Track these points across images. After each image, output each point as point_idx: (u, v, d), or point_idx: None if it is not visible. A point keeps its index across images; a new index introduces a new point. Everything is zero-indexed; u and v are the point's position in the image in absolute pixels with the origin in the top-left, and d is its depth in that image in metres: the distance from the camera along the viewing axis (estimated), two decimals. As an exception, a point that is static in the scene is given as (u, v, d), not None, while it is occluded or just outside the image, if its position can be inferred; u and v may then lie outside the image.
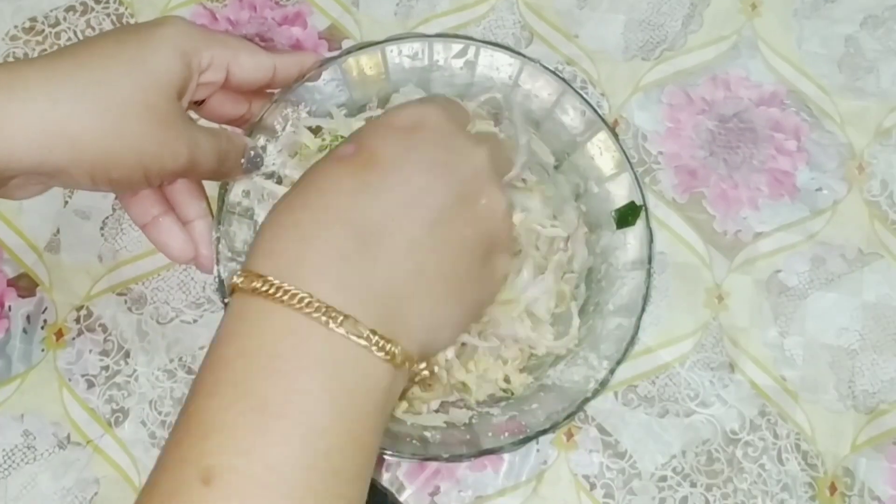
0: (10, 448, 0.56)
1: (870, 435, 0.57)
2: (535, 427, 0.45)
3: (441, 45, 0.51)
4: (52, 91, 0.37)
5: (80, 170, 0.38)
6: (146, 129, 0.39)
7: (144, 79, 0.39)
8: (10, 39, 0.64)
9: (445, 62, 0.52)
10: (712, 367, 0.58)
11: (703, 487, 0.56)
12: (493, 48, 0.51)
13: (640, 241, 0.49)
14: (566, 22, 0.65)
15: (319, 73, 0.50)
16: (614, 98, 0.64)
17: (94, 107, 0.38)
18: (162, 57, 0.40)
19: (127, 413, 0.57)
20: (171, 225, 0.46)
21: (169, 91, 0.40)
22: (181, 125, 0.41)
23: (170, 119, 0.40)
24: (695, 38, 0.65)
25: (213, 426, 0.30)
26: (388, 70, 0.52)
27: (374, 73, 0.52)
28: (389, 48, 0.51)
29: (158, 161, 0.40)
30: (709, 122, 0.63)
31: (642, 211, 0.49)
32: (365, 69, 0.51)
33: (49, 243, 0.60)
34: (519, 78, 0.51)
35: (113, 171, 0.39)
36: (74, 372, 0.58)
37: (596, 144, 0.51)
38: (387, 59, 0.51)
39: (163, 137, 0.40)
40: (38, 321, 0.59)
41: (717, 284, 0.60)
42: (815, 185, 0.62)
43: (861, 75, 0.64)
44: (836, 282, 0.60)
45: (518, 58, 0.51)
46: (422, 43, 0.51)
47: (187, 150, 0.41)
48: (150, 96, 0.39)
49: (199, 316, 0.59)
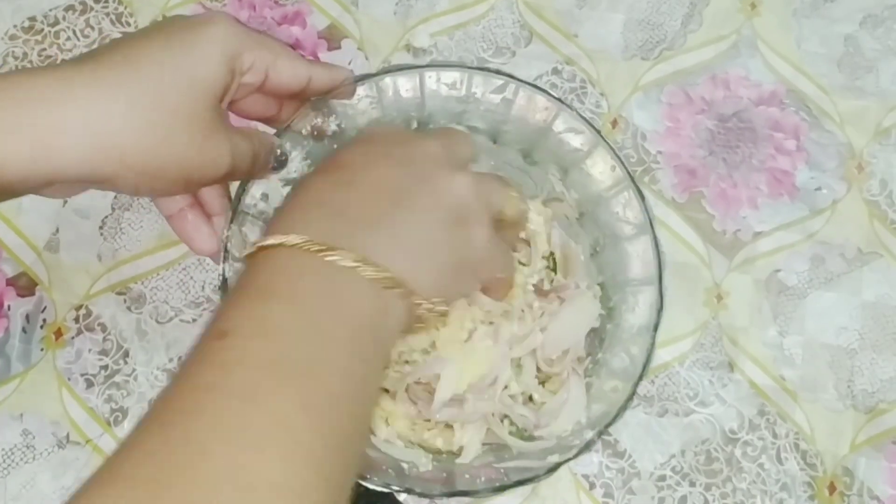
0: (10, 447, 0.56)
1: (869, 434, 0.57)
2: (514, 477, 0.45)
3: (481, 79, 0.50)
4: (102, 103, 0.37)
5: (125, 180, 0.39)
6: (192, 141, 0.40)
7: (192, 88, 0.39)
8: (9, 39, 0.64)
9: (483, 95, 0.51)
10: (711, 366, 0.58)
11: (702, 487, 0.56)
12: (532, 89, 0.50)
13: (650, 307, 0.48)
14: (565, 21, 0.65)
15: (353, 90, 0.50)
16: (613, 97, 0.64)
17: (144, 120, 0.38)
18: (209, 63, 0.40)
19: (126, 412, 0.57)
20: (197, 218, 0.47)
21: (214, 99, 0.40)
22: (224, 134, 0.41)
23: (214, 128, 0.41)
24: (694, 38, 0.65)
25: (228, 306, 0.35)
26: (423, 95, 0.51)
27: (410, 96, 0.51)
28: (429, 73, 0.51)
29: (200, 171, 0.41)
30: (708, 121, 0.63)
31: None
32: (401, 91, 0.51)
33: (48, 242, 0.60)
34: (553, 123, 0.51)
35: (157, 181, 0.40)
36: (74, 371, 0.58)
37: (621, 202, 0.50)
38: (424, 84, 0.51)
39: (207, 147, 0.40)
40: (38, 320, 0.59)
41: (717, 284, 0.60)
42: (815, 185, 0.62)
43: (860, 75, 0.64)
44: (835, 281, 0.60)
45: (555, 102, 0.50)
46: (461, 73, 0.50)
47: (228, 157, 0.42)
48: (198, 106, 0.40)
49: (198, 315, 0.59)
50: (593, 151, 0.50)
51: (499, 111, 0.52)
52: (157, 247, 0.60)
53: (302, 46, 0.65)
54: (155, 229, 0.60)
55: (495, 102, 0.51)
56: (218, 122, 0.41)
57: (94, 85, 0.37)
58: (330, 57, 0.65)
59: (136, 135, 0.38)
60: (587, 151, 0.50)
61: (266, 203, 0.49)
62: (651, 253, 0.49)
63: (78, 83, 0.37)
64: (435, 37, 0.65)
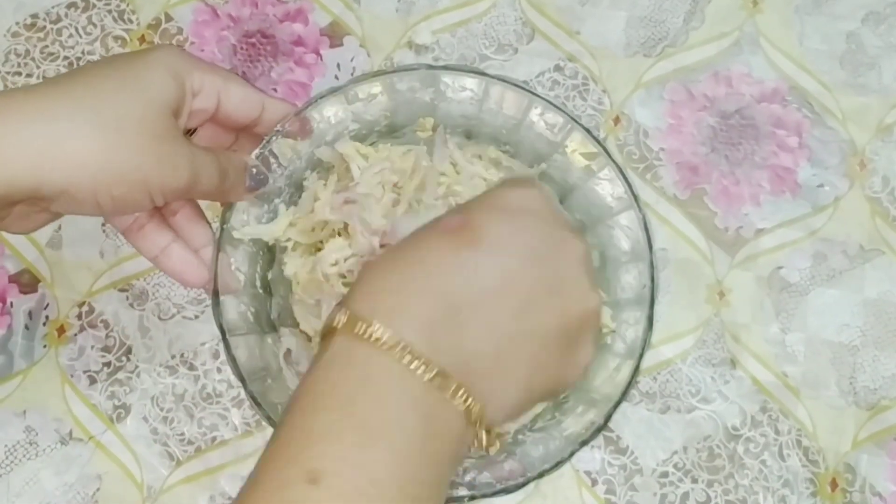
0: (13, 444, 0.56)
1: (871, 431, 0.57)
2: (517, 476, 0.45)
3: (499, 88, 0.50)
4: (46, 110, 0.37)
5: (80, 189, 0.38)
6: (144, 142, 0.39)
7: (139, 95, 0.39)
8: (11, 36, 0.64)
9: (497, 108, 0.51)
10: (714, 363, 0.58)
11: (704, 483, 0.56)
12: (544, 104, 0.49)
13: (641, 281, 0.48)
14: (568, 18, 0.65)
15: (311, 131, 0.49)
16: (616, 94, 0.64)
17: (90, 123, 0.37)
18: (154, 75, 0.40)
19: (129, 409, 0.57)
20: (182, 252, 0.46)
21: (163, 108, 0.40)
22: (179, 140, 0.41)
23: (167, 134, 0.40)
24: (696, 35, 0.65)
25: (320, 435, 0.32)
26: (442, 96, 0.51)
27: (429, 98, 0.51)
28: (445, 78, 0.50)
29: (159, 176, 0.40)
30: (710, 118, 0.63)
31: None
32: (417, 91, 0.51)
33: (51, 239, 0.60)
34: (567, 139, 0.50)
35: (115, 188, 0.38)
36: (76, 368, 0.58)
37: (621, 225, 0.49)
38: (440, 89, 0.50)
39: (161, 151, 0.39)
40: (40, 317, 0.59)
41: (719, 281, 0.60)
42: (817, 182, 0.62)
43: (863, 72, 0.64)
44: (837, 278, 0.60)
45: (570, 121, 0.49)
46: (479, 81, 0.50)
47: (187, 164, 0.40)
48: (146, 111, 0.39)
49: (200, 312, 0.59)
50: (599, 173, 0.49)
51: (510, 124, 0.51)
52: (159, 244, 0.60)
53: (304, 44, 0.65)
54: (157, 226, 0.60)
55: (510, 114, 0.51)
56: (172, 130, 0.40)
57: (37, 97, 0.37)
58: (332, 54, 0.65)
59: (81, 136, 0.37)
60: (592, 173, 0.50)
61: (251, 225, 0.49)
62: (645, 280, 0.48)
63: (20, 99, 0.37)
64: (437, 34, 0.65)
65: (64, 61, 0.64)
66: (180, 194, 0.42)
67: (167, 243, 0.46)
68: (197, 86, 0.42)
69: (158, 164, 0.39)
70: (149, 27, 0.65)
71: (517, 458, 0.46)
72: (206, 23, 0.65)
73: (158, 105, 0.40)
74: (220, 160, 0.43)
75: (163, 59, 0.41)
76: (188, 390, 0.57)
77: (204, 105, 0.43)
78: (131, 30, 0.65)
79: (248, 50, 0.65)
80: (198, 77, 0.42)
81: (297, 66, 0.64)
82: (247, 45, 0.65)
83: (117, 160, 0.38)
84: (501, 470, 0.45)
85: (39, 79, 0.63)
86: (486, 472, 0.45)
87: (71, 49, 0.64)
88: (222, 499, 0.56)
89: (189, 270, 0.46)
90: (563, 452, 0.44)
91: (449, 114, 0.51)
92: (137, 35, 0.65)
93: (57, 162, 0.37)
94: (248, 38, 0.65)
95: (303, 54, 0.64)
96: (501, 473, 0.45)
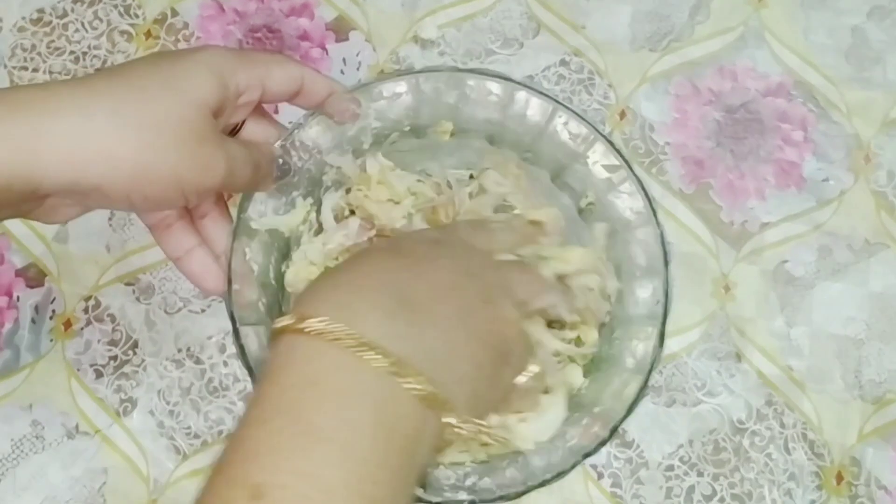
0: (19, 438, 0.56)
1: (876, 424, 0.57)
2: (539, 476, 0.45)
3: (524, 94, 0.50)
4: (85, 107, 0.37)
5: (115, 187, 0.38)
6: (182, 144, 0.39)
7: (180, 96, 0.39)
8: (17, 31, 0.64)
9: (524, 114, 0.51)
10: (719, 356, 0.58)
11: (709, 476, 0.56)
12: (569, 113, 0.49)
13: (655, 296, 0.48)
14: (573, 13, 0.65)
15: (355, 115, 0.49)
16: (621, 89, 0.64)
17: (130, 122, 0.37)
18: (197, 77, 0.40)
19: (135, 403, 0.57)
20: (205, 257, 0.46)
21: (204, 108, 0.40)
22: (217, 140, 0.41)
23: (206, 134, 0.40)
24: (702, 29, 0.65)
25: (262, 448, 0.31)
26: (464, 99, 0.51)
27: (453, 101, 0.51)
28: (470, 81, 0.50)
29: (194, 177, 0.40)
30: (716, 112, 0.63)
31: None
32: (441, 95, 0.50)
33: (57, 233, 0.60)
34: (590, 150, 0.50)
35: (149, 187, 0.38)
36: (83, 362, 0.58)
37: (638, 239, 0.49)
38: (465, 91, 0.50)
39: (199, 152, 0.39)
40: (47, 311, 0.59)
41: (724, 274, 0.60)
42: (822, 176, 0.62)
43: (868, 66, 0.64)
44: (842, 272, 0.60)
45: (594, 132, 0.49)
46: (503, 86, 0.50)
47: (223, 165, 0.41)
48: (186, 112, 0.39)
49: (206, 306, 0.59)
50: (620, 185, 0.49)
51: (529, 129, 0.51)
52: (165, 238, 0.60)
53: (310, 38, 0.65)
54: (163, 220, 0.60)
55: (533, 120, 0.51)
56: (211, 130, 0.40)
57: (77, 93, 0.37)
58: (338, 48, 0.65)
59: (120, 135, 0.37)
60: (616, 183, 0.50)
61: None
62: (656, 242, 0.48)
63: (62, 94, 0.37)
64: (442, 28, 0.65)
65: (70, 56, 0.64)
66: (213, 192, 0.43)
67: (192, 246, 0.46)
68: (243, 85, 0.42)
69: (194, 166, 0.39)
70: (155, 22, 0.65)
71: (519, 466, 0.46)
72: (212, 17, 0.65)
73: (198, 107, 0.39)
74: (253, 153, 0.43)
75: (207, 59, 0.41)
76: (194, 384, 0.58)
77: (249, 99, 0.43)
78: (137, 24, 0.65)
79: (253, 44, 0.65)
80: (243, 77, 0.42)
81: (302, 60, 0.64)
82: (252, 39, 0.65)
83: (154, 161, 0.38)
84: (503, 476, 0.45)
85: (46, 73, 0.63)
86: (486, 477, 0.45)
87: (77, 44, 0.64)
88: (229, 492, 0.56)
89: (209, 277, 0.46)
90: (566, 464, 0.44)
91: (472, 117, 0.51)
92: (143, 30, 0.65)
93: (93, 159, 0.37)
94: (253, 32, 0.65)
95: (308, 49, 0.65)
96: (502, 480, 0.45)
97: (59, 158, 0.36)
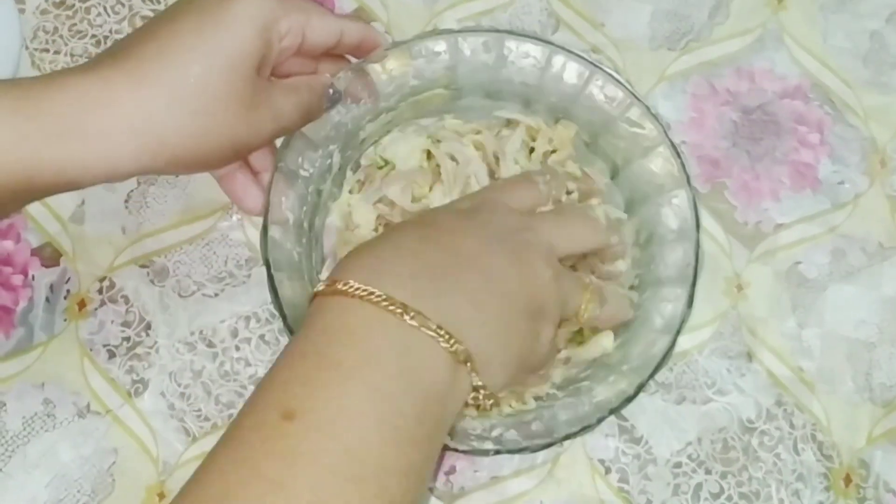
0: (31, 415, 0.57)
1: (886, 428, 0.57)
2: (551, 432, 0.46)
3: (562, 57, 0.51)
4: (144, 102, 0.39)
5: (177, 167, 0.41)
6: (235, 118, 0.41)
7: (229, 69, 0.40)
8: (40, 13, 0.65)
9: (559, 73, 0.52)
10: (730, 355, 0.58)
11: (717, 475, 0.56)
12: (605, 76, 0.51)
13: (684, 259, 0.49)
14: (592, 10, 0.65)
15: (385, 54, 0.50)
16: (639, 87, 0.63)
17: (187, 111, 0.39)
18: (242, 39, 0.40)
19: (147, 384, 0.57)
20: (246, 179, 0.49)
21: (251, 71, 0.41)
22: (265, 101, 0.42)
23: (256, 100, 0.41)
24: (721, 30, 0.65)
25: (294, 380, 0.34)
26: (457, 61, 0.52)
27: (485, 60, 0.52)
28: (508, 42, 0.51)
29: (247, 142, 0.42)
30: (732, 113, 0.63)
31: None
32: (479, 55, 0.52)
33: (73, 214, 0.60)
34: (626, 113, 0.51)
35: (206, 162, 0.42)
36: (96, 342, 0.58)
37: (671, 203, 0.50)
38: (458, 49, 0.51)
39: (251, 119, 0.41)
40: (61, 291, 0.59)
41: (737, 274, 0.60)
42: (837, 179, 0.62)
43: (885, 71, 0.64)
44: (855, 275, 0.60)
45: (630, 96, 0.50)
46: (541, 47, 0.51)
47: (272, 123, 0.43)
48: (236, 85, 0.40)
49: (220, 290, 0.59)
50: (653, 150, 0.50)
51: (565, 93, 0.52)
52: (180, 221, 0.60)
53: (329, 28, 0.65)
54: (179, 204, 0.61)
55: (531, 67, 0.51)
56: (260, 93, 0.42)
57: (133, 84, 0.39)
58: (357, 39, 0.65)
59: (181, 128, 0.39)
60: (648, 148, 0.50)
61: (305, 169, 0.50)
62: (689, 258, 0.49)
63: (119, 84, 0.38)
64: (462, 22, 0.65)
65: (92, 39, 0.64)
66: (266, 145, 0.45)
67: (233, 167, 0.48)
68: (284, 31, 0.43)
69: (247, 133, 0.42)
70: (176, 8, 0.65)
71: (545, 420, 0.46)
72: None
73: (245, 72, 0.41)
74: (303, 96, 0.45)
75: (247, 13, 0.41)
76: (206, 367, 0.58)
77: (289, 44, 0.44)
78: (158, 10, 0.65)
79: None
80: (284, 24, 0.43)
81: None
82: (273, 28, 0.65)
83: (210, 141, 0.40)
84: (528, 429, 0.46)
85: (67, 56, 0.64)
86: (512, 429, 0.46)
87: (99, 27, 0.65)
88: (237, 475, 0.56)
89: (248, 197, 0.49)
90: (591, 418, 0.45)
91: (510, 79, 0.52)
92: (164, 15, 0.65)
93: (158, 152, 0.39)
94: (274, 21, 0.65)
95: (328, 39, 0.65)
96: (528, 432, 0.46)
97: (127, 156, 0.39)
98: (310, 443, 0.32)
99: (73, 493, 0.55)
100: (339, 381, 0.34)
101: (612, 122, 0.50)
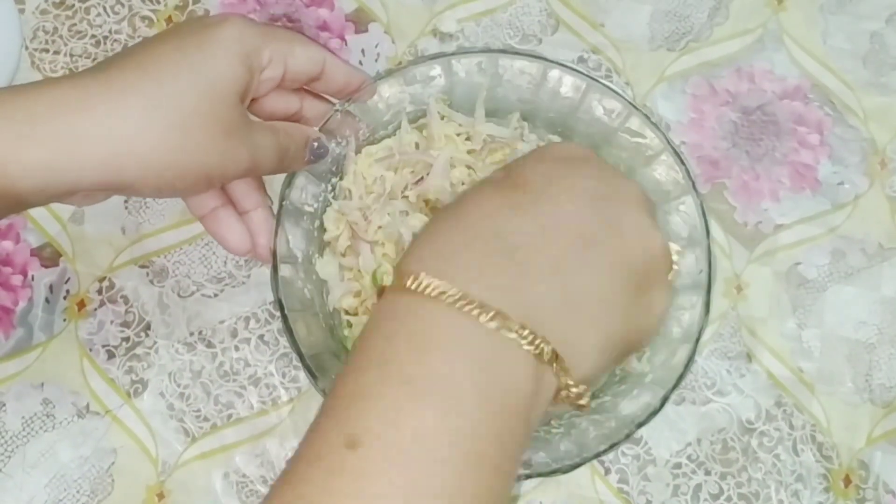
0: (30, 416, 0.57)
1: (885, 429, 0.57)
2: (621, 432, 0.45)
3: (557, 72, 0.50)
4: (118, 110, 0.38)
5: (147, 184, 0.39)
6: (210, 141, 0.40)
7: (208, 89, 0.39)
8: (40, 13, 0.65)
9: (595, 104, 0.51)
10: (730, 356, 0.58)
11: (717, 476, 0.56)
12: (602, 89, 0.49)
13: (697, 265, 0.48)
14: (592, 10, 0.65)
15: (374, 90, 0.50)
16: (639, 87, 0.64)
17: (161, 123, 0.38)
18: (224, 63, 0.40)
19: (146, 384, 0.57)
20: (229, 217, 0.47)
21: (232, 98, 0.40)
22: (243, 131, 0.41)
23: (232, 127, 0.41)
24: (720, 31, 0.65)
25: (359, 397, 0.31)
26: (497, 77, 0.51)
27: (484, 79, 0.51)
28: (502, 61, 0.50)
29: (221, 169, 0.41)
30: (732, 113, 0.63)
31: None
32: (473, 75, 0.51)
33: (73, 214, 0.60)
34: (625, 124, 0.50)
35: (178, 182, 0.40)
36: (95, 342, 0.58)
37: (679, 210, 0.49)
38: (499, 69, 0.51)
39: (226, 146, 0.40)
40: (61, 291, 0.59)
41: (737, 275, 0.60)
42: (837, 179, 0.62)
43: (885, 72, 0.64)
44: (855, 276, 0.60)
45: (629, 107, 0.49)
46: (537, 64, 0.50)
47: (248, 156, 0.41)
48: (215, 106, 0.40)
49: (219, 290, 0.59)
50: (658, 157, 0.49)
51: (563, 107, 0.51)
52: (180, 221, 0.60)
53: (329, 29, 0.65)
54: (178, 204, 0.60)
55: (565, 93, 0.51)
56: (238, 121, 0.41)
57: (109, 93, 0.38)
58: (357, 40, 0.65)
59: (153, 140, 0.38)
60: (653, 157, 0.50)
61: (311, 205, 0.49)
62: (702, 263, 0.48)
63: (94, 91, 0.38)
64: (462, 22, 0.65)
65: (91, 40, 0.64)
66: (238, 178, 0.43)
67: (216, 205, 0.47)
68: (265, 61, 0.43)
69: (221, 160, 0.40)
70: (176, 8, 0.65)
71: (573, 439, 0.46)
72: (233, 5, 0.66)
73: (226, 96, 0.40)
74: (281, 139, 0.44)
75: (230, 38, 0.40)
76: (205, 367, 0.58)
77: (272, 75, 0.44)
78: (158, 10, 0.65)
79: (273, 33, 0.65)
80: (266, 53, 0.42)
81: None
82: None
83: (184, 160, 0.39)
84: (557, 450, 0.45)
85: (67, 56, 0.64)
86: (541, 451, 0.45)
87: (98, 28, 0.65)
88: (237, 475, 0.56)
89: (231, 237, 0.47)
90: (619, 434, 0.44)
91: (506, 97, 0.52)
92: (164, 16, 0.65)
93: (128, 163, 0.38)
94: (273, 21, 0.65)
95: (328, 39, 0.65)
96: (557, 454, 0.44)
97: (97, 161, 0.37)
98: (376, 479, 0.29)
99: (72, 493, 0.55)
100: (407, 399, 0.30)
101: (613, 133, 0.50)
